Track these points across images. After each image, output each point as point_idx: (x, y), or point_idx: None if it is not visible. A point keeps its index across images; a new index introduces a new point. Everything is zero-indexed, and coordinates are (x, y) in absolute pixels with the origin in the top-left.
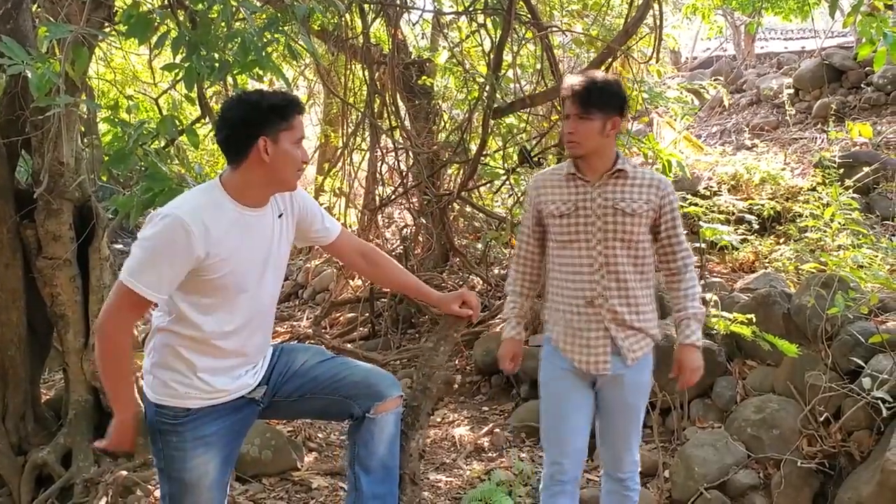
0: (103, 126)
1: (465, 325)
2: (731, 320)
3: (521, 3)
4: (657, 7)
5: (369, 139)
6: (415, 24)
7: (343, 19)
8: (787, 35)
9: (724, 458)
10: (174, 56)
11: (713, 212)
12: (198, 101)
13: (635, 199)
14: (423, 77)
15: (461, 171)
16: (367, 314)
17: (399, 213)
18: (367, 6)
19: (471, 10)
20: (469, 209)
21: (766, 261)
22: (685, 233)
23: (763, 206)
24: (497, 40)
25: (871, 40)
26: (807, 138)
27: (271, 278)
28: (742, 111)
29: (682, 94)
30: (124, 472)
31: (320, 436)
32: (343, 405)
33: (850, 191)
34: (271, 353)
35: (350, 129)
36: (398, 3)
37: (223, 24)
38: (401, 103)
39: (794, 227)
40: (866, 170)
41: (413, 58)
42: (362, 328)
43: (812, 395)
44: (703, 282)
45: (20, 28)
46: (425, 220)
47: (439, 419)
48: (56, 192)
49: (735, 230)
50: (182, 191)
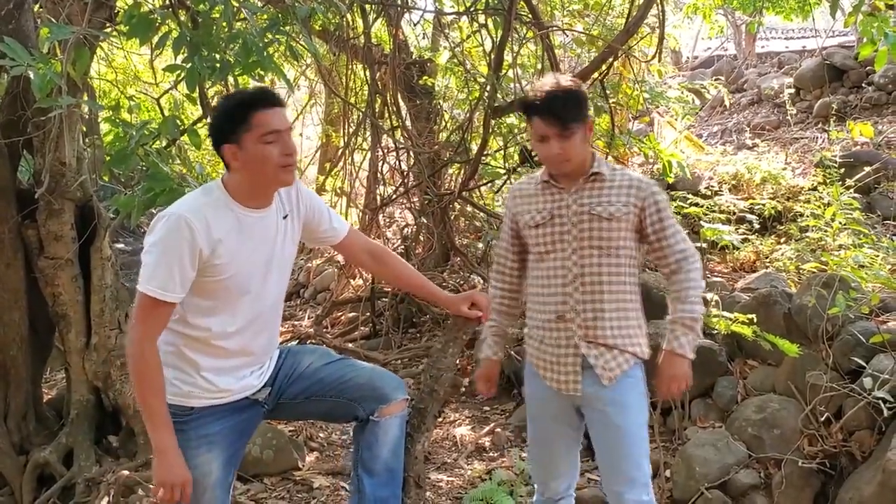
0: (105, 126)
1: (474, 327)
2: (731, 320)
3: (522, 2)
4: (659, 6)
5: (370, 139)
6: (416, 25)
7: (344, 19)
8: (787, 34)
9: (724, 458)
10: (175, 56)
11: (714, 211)
12: (199, 102)
13: (613, 202)
14: (425, 77)
15: (462, 171)
16: (369, 313)
17: (400, 213)
18: (368, 6)
19: (472, 10)
20: (470, 209)
21: (767, 260)
22: (684, 232)
23: (764, 205)
24: (498, 40)
25: (872, 40)
26: (808, 138)
27: (275, 279)
28: (743, 111)
29: (682, 93)
30: (126, 472)
31: (322, 435)
32: (348, 407)
33: (851, 190)
34: (278, 355)
35: (351, 129)
36: (399, 3)
37: (225, 24)
38: (402, 103)
39: (795, 227)
40: (867, 169)
41: (414, 58)
42: (363, 327)
43: (813, 395)
44: (703, 282)
45: (22, 28)
46: (426, 220)
47: (440, 418)
48: (58, 192)
49: (736, 230)
50: (183, 191)
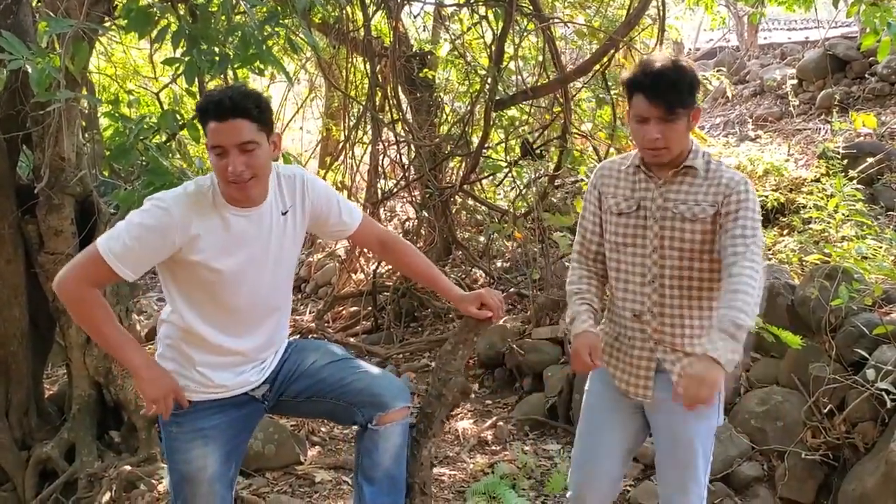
0: (104, 121)
1: (485, 329)
2: None
3: None
4: None
5: (371, 132)
6: (416, 17)
7: (344, 12)
8: (790, 25)
9: (728, 450)
10: (174, 50)
11: None
12: (199, 96)
13: (699, 201)
14: (425, 70)
15: (463, 164)
16: (370, 308)
17: (401, 207)
18: None
19: (472, 1)
20: (471, 202)
21: (770, 252)
22: (762, 237)
23: (767, 197)
24: (499, 32)
25: (875, 30)
26: (810, 129)
27: (271, 277)
28: (745, 102)
29: None
30: (128, 467)
31: (324, 429)
32: (348, 411)
33: (854, 182)
34: (284, 349)
35: (352, 123)
36: None
37: (223, 17)
38: (402, 96)
39: (798, 219)
40: (870, 160)
41: (414, 50)
42: (365, 322)
43: (816, 387)
44: (759, 291)
45: (20, 23)
46: (427, 213)
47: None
48: (57, 187)
49: None
50: None
